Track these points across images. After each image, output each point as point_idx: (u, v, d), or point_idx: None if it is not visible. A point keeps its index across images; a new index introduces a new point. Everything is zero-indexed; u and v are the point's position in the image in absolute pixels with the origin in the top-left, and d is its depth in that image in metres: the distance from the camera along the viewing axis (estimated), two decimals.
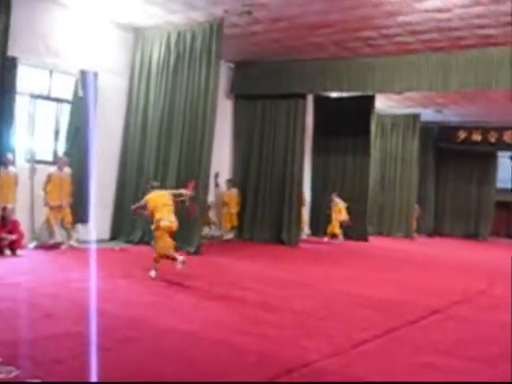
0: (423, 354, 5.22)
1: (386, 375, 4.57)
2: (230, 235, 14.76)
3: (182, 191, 9.07)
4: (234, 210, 14.76)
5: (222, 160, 14.81)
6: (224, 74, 14.85)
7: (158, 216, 8.32)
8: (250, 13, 11.33)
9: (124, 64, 12.64)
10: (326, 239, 16.56)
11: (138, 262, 9.41)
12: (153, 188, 8.91)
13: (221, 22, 11.50)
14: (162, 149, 12.15)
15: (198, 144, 11.56)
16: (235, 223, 14.83)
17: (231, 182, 14.93)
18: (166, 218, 8.30)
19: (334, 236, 16.60)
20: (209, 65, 11.60)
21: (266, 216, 14.98)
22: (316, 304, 7.28)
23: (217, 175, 14.56)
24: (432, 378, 4.58)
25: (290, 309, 6.84)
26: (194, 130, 11.66)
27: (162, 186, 11.69)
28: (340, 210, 16.64)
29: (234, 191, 14.89)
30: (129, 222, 12.14)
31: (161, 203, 8.44)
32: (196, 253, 11.10)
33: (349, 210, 16.66)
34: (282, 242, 14.39)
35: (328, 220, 16.78)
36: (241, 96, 15.63)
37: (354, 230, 17.03)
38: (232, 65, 15.37)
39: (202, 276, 8.87)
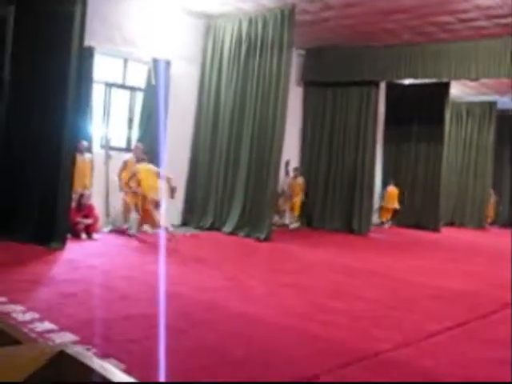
0: (495, 349, 5.09)
1: (457, 368, 4.48)
2: (297, 224, 14.73)
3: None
4: (299, 198, 14.71)
5: (291, 148, 14.76)
6: (294, 61, 14.78)
7: None
8: None
9: (196, 52, 12.78)
10: (386, 226, 16.93)
11: (210, 247, 9.56)
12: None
13: (292, 9, 11.46)
14: (233, 137, 12.26)
15: (270, 132, 11.61)
16: (298, 212, 14.79)
17: (297, 171, 14.87)
18: None
19: (382, 223, 16.96)
20: (280, 52, 11.59)
21: (336, 205, 14.89)
22: (386, 293, 7.21)
23: (287, 163, 14.58)
24: (504, 374, 4.45)
25: (360, 297, 6.80)
26: (265, 118, 11.71)
27: (234, 175, 12.00)
28: (392, 197, 16.80)
29: (300, 180, 14.83)
30: (200, 208, 12.35)
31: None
32: (266, 239, 11.20)
33: (417, 199, 16.61)
34: (352, 231, 14.28)
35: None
36: (311, 83, 15.52)
37: (427, 221, 16.73)
38: (302, 52, 15.28)
39: (273, 262, 8.93)
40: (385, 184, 17.67)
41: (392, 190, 17.17)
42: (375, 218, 16.97)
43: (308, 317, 5.65)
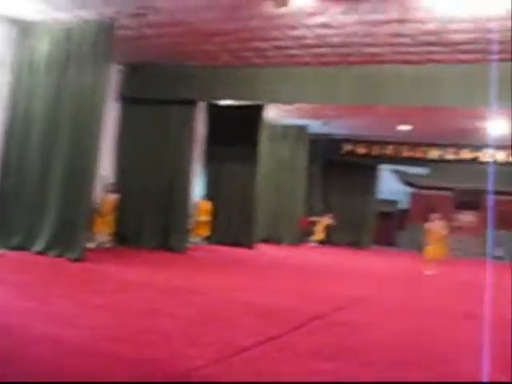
0: (306, 359, 5.33)
1: (270, 380, 4.62)
2: (110, 243, 14.32)
3: None
4: (111, 216, 14.32)
5: (107, 164, 14.44)
6: (113, 76, 14.57)
7: None
8: (143, 15, 11.20)
9: (8, 58, 12.05)
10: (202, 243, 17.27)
11: (15, 268, 9.00)
12: None
13: (111, 23, 11.26)
14: (46, 151, 11.61)
15: (85, 147, 11.20)
16: (111, 230, 14.41)
17: (111, 187, 14.42)
18: None
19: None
20: (98, 66, 11.33)
21: (152, 222, 14.79)
22: (201, 311, 7.25)
23: (104, 179, 14.18)
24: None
25: (176, 316, 6.76)
26: (80, 133, 11.27)
27: (46, 191, 11.35)
28: (203, 211, 17.31)
29: (113, 196, 14.36)
30: (8, 225, 11.54)
31: None
32: (79, 259, 10.74)
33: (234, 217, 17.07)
34: (169, 249, 14.27)
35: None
36: (130, 99, 15.35)
37: (242, 238, 17.22)
38: (122, 67, 15.09)
39: (85, 283, 8.63)
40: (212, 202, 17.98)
41: (203, 203, 17.41)
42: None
43: (121, 338, 5.51)
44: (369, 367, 5.26)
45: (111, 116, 14.92)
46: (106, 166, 14.67)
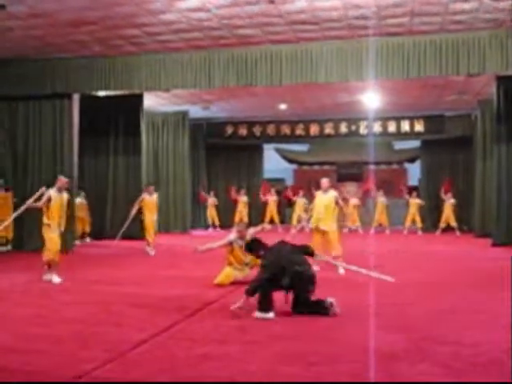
0: (199, 346, 5.32)
1: (165, 372, 4.57)
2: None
3: None
4: None
5: None
6: None
7: None
8: (3, 7, 10.63)
9: None
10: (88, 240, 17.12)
11: None
12: None
13: None
14: None
15: None
16: None
17: None
18: None
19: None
20: None
21: (35, 222, 14.17)
22: (92, 310, 7.03)
23: None
24: (209, 367, 4.67)
25: (65, 318, 6.53)
26: None
27: None
28: (81, 209, 17.06)
29: None
30: None
31: None
32: None
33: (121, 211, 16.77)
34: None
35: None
36: (3, 97, 14.59)
37: (133, 230, 16.90)
38: None
39: None
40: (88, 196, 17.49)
41: (81, 202, 17.02)
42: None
43: (6, 348, 5.25)
44: (254, 344, 5.34)
45: None
46: None
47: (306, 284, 6.70)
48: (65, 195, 9.77)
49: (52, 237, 9.48)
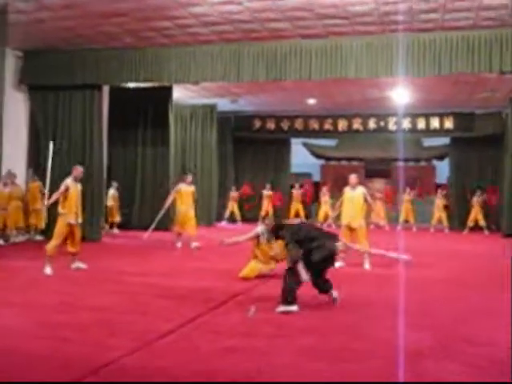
0: (225, 338, 5.35)
1: (190, 363, 4.60)
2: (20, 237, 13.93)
3: None
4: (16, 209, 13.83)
5: (12, 155, 13.87)
6: (12, 63, 14.00)
7: None
8: None
9: None
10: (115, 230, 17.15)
11: None
12: None
13: (4, 7, 10.76)
14: None
15: None
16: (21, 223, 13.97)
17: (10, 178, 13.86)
18: None
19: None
20: None
21: None
22: (119, 299, 7.12)
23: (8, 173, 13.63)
24: (234, 360, 4.69)
25: (92, 307, 6.61)
26: None
27: None
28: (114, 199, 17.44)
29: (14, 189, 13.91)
30: None
31: None
32: None
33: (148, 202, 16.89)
34: (84, 239, 13.86)
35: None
36: (32, 87, 14.80)
37: (160, 221, 17.01)
38: (21, 53, 14.47)
39: None
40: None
41: (113, 194, 17.25)
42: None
43: (34, 335, 5.33)
44: (280, 338, 5.35)
45: (17, 106, 14.41)
46: (13, 157, 14.16)
47: (332, 260, 6.86)
48: (79, 185, 9.78)
49: (63, 227, 9.38)
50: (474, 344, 5.33)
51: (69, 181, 9.51)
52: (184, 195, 13.33)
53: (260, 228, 9.06)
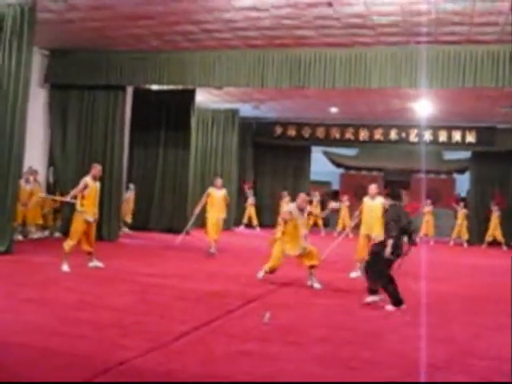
0: (239, 342, 5.37)
1: (203, 366, 4.63)
2: (39, 233, 14.06)
3: None
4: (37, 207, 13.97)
5: (34, 153, 14.03)
6: (39, 62, 14.17)
7: None
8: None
9: None
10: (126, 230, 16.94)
11: None
12: None
13: (33, 6, 10.89)
14: None
15: (8, 137, 10.83)
16: (39, 220, 14.10)
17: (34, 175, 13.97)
18: None
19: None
20: (19, 50, 10.93)
21: None
22: (135, 300, 7.18)
23: (31, 170, 13.79)
24: (246, 364, 4.72)
25: (108, 306, 6.68)
26: (2, 120, 10.90)
27: None
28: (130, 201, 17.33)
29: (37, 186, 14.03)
30: None
31: None
32: (8, 252, 10.45)
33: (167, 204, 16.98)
34: (101, 238, 14.01)
35: None
36: (57, 86, 14.96)
37: (177, 224, 17.11)
38: (47, 52, 14.65)
39: (14, 276, 8.40)
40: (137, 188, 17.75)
41: (129, 195, 17.38)
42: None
43: (52, 331, 5.39)
44: (296, 345, 5.35)
45: (40, 104, 14.58)
46: (36, 156, 14.34)
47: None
48: (98, 184, 9.83)
49: (80, 224, 9.39)
50: (486, 358, 5.30)
51: (88, 179, 9.58)
52: (215, 200, 12.67)
53: (291, 207, 9.16)
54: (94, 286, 7.98)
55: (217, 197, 12.69)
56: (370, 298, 7.56)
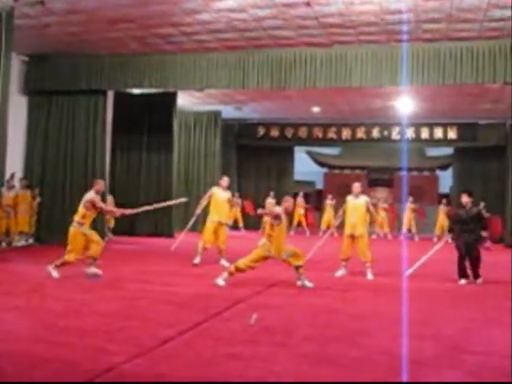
0: (227, 345, 5.35)
1: (190, 370, 4.60)
2: (23, 241, 13.97)
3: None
4: (27, 213, 13.89)
5: (15, 160, 13.91)
6: (17, 68, 14.05)
7: None
8: (42, 3, 10.81)
9: None
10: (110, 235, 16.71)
11: None
12: None
13: (10, 11, 10.81)
14: None
15: None
16: (25, 227, 13.98)
17: (22, 182, 13.95)
18: None
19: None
20: None
21: (66, 217, 14.35)
22: (121, 305, 7.12)
23: (12, 176, 13.67)
24: (235, 367, 4.69)
25: (94, 312, 6.62)
26: None
27: None
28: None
29: (27, 192, 13.97)
30: None
31: None
32: None
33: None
34: None
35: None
36: (37, 92, 14.86)
37: (162, 228, 17.06)
38: (26, 58, 14.55)
39: None
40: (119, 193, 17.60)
41: (110, 200, 17.24)
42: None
43: (37, 339, 5.33)
44: (283, 346, 5.34)
45: (20, 110, 14.46)
46: (16, 163, 14.23)
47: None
48: (99, 198, 9.50)
49: (80, 237, 9.29)
50: (474, 353, 5.32)
51: (93, 195, 9.24)
52: (218, 202, 11.32)
53: (279, 209, 8.93)
54: (79, 293, 7.91)
55: (221, 198, 11.35)
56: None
